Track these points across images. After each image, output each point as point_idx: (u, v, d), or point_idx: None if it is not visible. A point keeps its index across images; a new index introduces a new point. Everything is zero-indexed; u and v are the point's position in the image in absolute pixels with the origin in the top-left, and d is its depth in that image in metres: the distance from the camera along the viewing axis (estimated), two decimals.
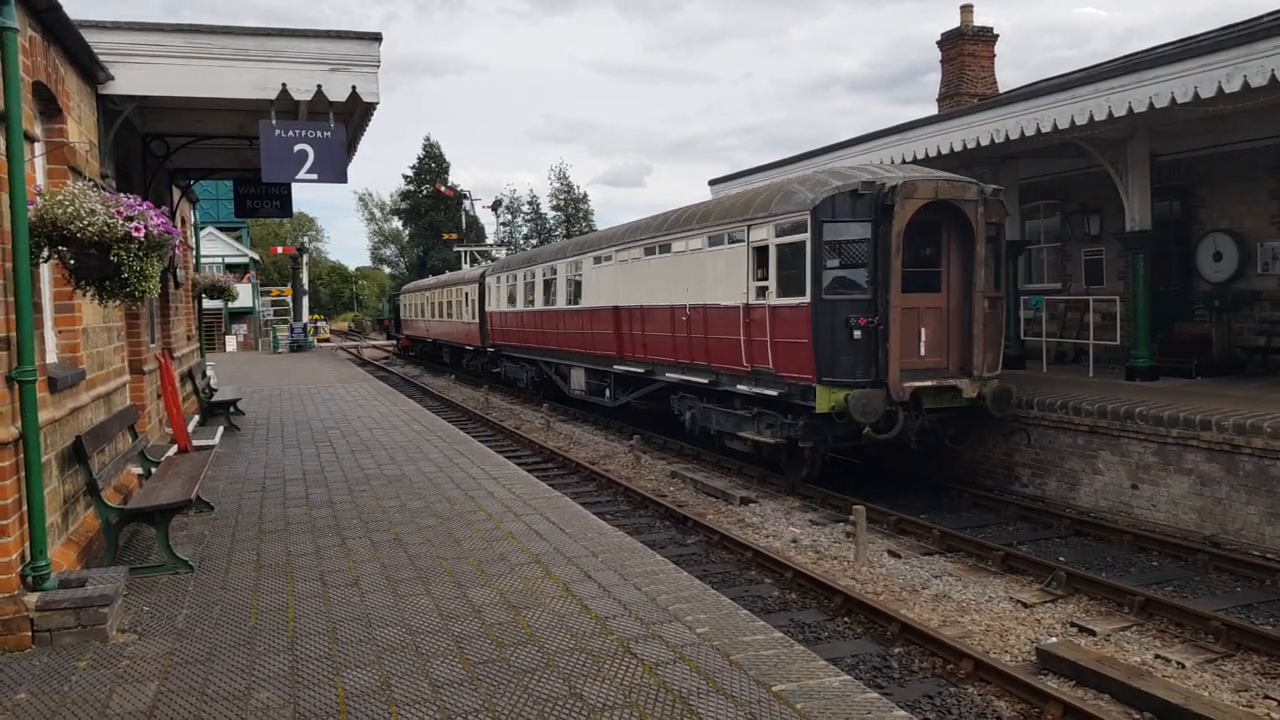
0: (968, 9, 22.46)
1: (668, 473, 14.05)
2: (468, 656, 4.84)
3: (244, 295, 40.89)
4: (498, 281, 26.57)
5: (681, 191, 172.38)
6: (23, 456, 5.08)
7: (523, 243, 74.91)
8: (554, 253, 22.75)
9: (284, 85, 7.71)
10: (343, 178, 8.00)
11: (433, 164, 78.99)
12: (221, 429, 12.69)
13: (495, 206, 61.65)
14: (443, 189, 68.83)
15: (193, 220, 18.73)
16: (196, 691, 4.45)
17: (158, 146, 11.14)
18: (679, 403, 15.41)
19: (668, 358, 15.30)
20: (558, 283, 21.17)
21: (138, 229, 5.21)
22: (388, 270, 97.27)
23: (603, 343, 18.12)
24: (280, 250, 61.71)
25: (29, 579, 5.08)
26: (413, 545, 7.05)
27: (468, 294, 30.24)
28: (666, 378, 15.51)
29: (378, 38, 7.96)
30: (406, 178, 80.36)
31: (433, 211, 75.39)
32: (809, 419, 11.73)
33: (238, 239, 46.02)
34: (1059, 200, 17.70)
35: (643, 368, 16.42)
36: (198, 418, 13.62)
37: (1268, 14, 13.40)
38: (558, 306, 21.14)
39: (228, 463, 10.85)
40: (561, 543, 7.09)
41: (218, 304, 33.57)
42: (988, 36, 22.58)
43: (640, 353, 16.42)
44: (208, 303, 22.32)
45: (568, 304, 20.48)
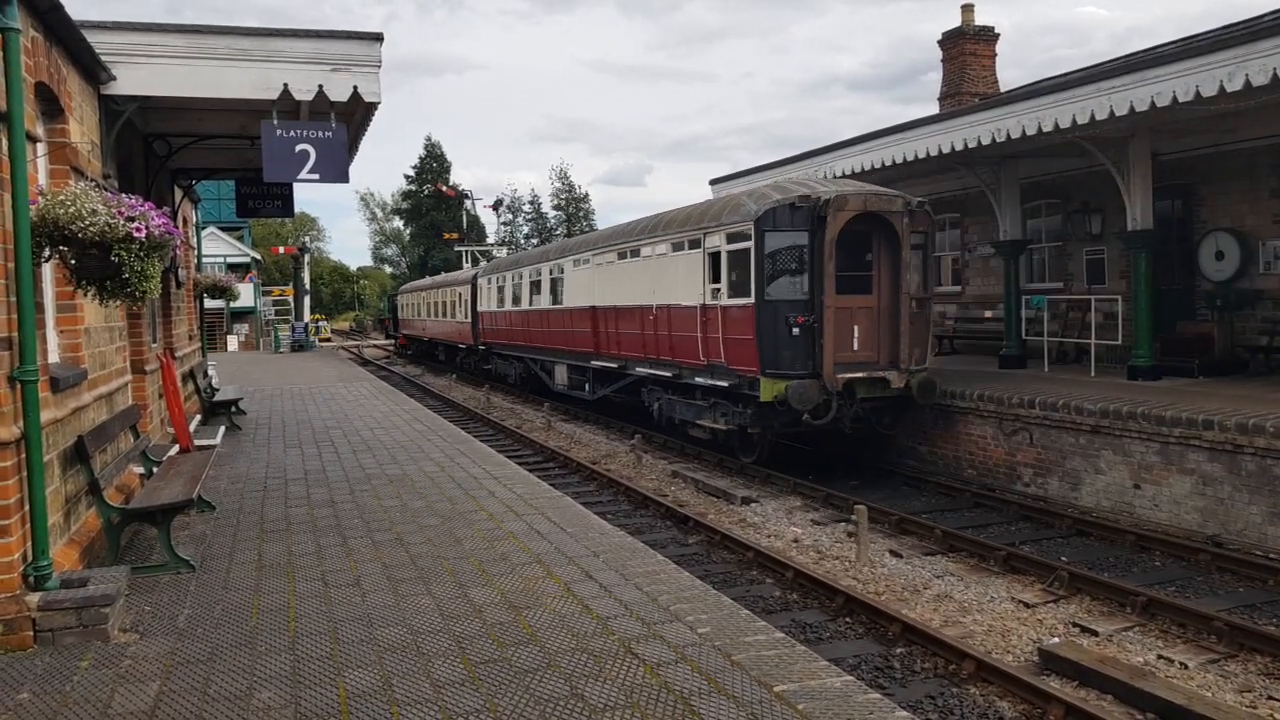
0: (969, 8, 22.44)
1: (669, 472, 14.04)
2: (469, 656, 4.84)
3: (246, 295, 40.89)
4: (488, 283, 27.44)
5: (682, 191, 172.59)
6: (25, 456, 5.09)
7: (524, 242, 74.94)
8: (539, 256, 23.78)
9: (285, 85, 7.71)
10: (344, 178, 8.00)
11: (434, 163, 79.09)
12: (223, 429, 12.72)
13: (496, 206, 61.66)
14: (444, 189, 68.89)
15: (194, 220, 18.76)
16: (198, 691, 4.45)
17: (160, 146, 11.15)
18: (648, 394, 16.46)
19: (638, 354, 16.36)
20: (542, 284, 22.18)
21: (139, 229, 5.21)
22: (389, 270, 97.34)
23: (582, 340, 19.13)
24: (282, 250, 61.78)
25: (31, 579, 5.09)
26: (414, 545, 7.05)
27: (461, 294, 31.07)
28: (637, 372, 16.58)
29: (379, 38, 7.97)
30: (408, 177, 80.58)
31: (434, 211, 75.50)
32: (756, 407, 12.85)
33: (239, 239, 46.05)
34: (1060, 199, 17.68)
35: (617, 363, 17.45)
36: (199, 417, 13.64)
37: (1269, 13, 13.39)
38: (542, 307, 22.15)
39: (229, 462, 10.86)
40: (563, 542, 7.09)
41: (219, 304, 33.62)
42: (989, 36, 22.56)
43: (615, 349, 17.51)
44: (209, 302, 22.37)
45: (551, 304, 21.50)
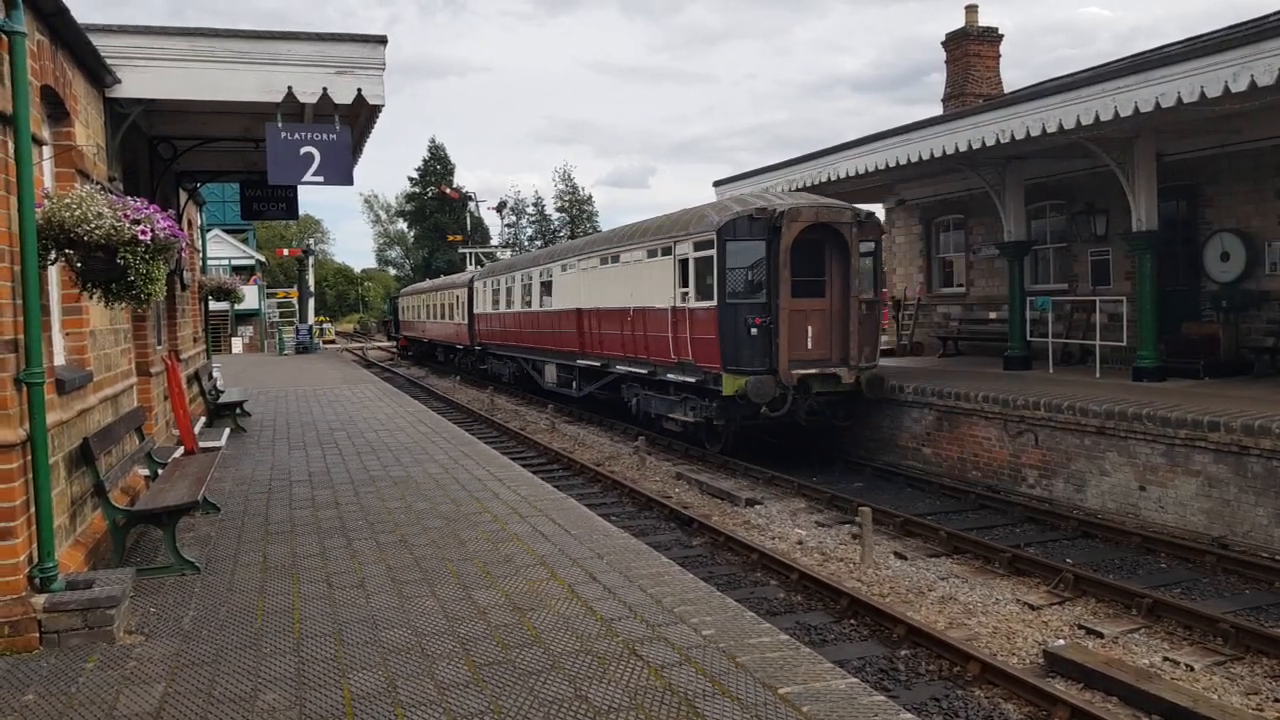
0: (972, 9, 22.39)
1: (673, 474, 14.04)
2: (473, 658, 4.84)
3: (250, 297, 40.83)
4: (484, 286, 28.53)
5: (685, 192, 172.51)
6: (30, 458, 5.10)
7: (527, 244, 74.93)
8: (530, 260, 25.28)
9: (289, 88, 7.72)
10: (348, 180, 8.01)
11: (437, 166, 79.19)
12: (228, 430, 12.74)
13: (500, 208, 61.83)
14: (447, 191, 69.05)
15: (199, 222, 18.79)
16: (203, 693, 4.46)
17: (164, 149, 11.18)
18: (627, 390, 17.57)
19: (618, 353, 17.52)
20: (533, 287, 23.34)
21: (144, 232, 5.22)
22: (393, 272, 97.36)
23: (569, 340, 20.22)
24: (286, 252, 62.00)
25: (36, 580, 5.10)
26: (418, 547, 7.06)
27: (459, 297, 32.03)
28: (618, 370, 17.68)
29: (383, 40, 7.98)
30: (411, 180, 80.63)
31: (438, 213, 75.54)
32: (720, 401, 13.95)
33: (244, 241, 46.16)
34: (1065, 200, 17.64)
35: (600, 361, 18.52)
36: (204, 419, 13.67)
37: (1274, 13, 13.37)
38: (533, 309, 23.34)
39: (234, 464, 10.87)
40: (567, 544, 7.09)
41: (224, 306, 33.64)
42: (992, 37, 22.51)
43: (598, 349, 18.62)
44: (214, 305, 22.39)
45: (541, 306, 22.68)
